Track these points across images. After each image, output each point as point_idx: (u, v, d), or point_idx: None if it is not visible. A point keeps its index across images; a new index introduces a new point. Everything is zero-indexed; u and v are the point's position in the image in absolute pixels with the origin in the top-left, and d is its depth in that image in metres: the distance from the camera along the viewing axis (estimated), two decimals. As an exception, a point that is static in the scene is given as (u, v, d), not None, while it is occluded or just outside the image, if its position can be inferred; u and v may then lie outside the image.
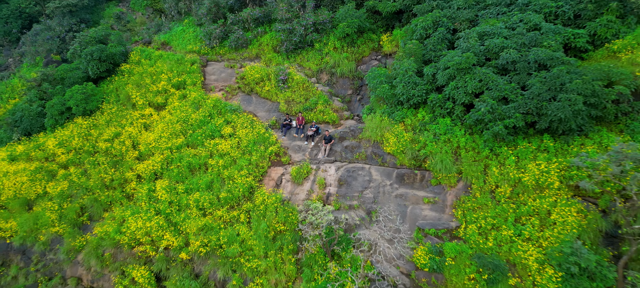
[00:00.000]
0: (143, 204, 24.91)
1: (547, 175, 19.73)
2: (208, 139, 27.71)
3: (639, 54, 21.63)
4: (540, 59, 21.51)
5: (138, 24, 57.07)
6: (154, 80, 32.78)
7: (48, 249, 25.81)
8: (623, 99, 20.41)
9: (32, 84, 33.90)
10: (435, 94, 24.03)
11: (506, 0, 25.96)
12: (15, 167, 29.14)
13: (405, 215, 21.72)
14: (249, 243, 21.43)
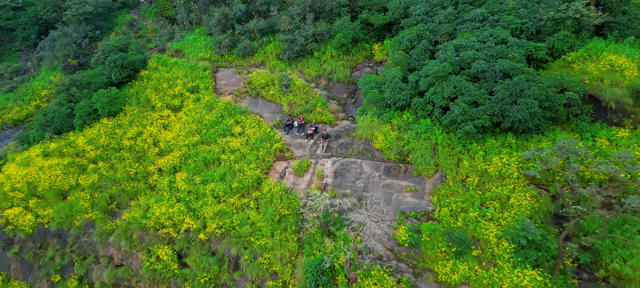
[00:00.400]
0: (165, 193, 28.71)
1: (508, 167, 23.54)
2: (220, 137, 31.52)
3: (589, 64, 25.44)
4: (504, 69, 25.32)
5: (149, 30, 60.89)
6: (171, 85, 36.60)
7: (82, 233, 29.64)
8: (573, 102, 24.20)
9: (61, 88, 37.62)
10: (418, 98, 27.84)
11: (480, 17, 29.75)
12: (50, 162, 32.96)
13: (391, 201, 25.53)
14: (258, 225, 25.21)
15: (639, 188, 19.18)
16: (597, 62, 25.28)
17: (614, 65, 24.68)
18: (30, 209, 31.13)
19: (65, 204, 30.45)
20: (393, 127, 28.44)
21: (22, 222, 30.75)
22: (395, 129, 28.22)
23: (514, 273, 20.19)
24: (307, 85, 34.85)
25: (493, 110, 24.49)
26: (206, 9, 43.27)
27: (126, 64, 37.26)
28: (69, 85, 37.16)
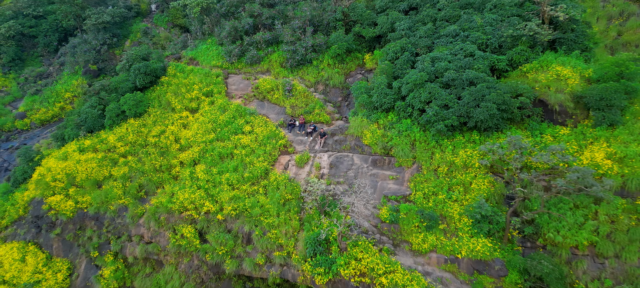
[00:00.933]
0: (187, 182, 33.85)
1: (471, 159, 28.70)
2: (233, 134, 36.69)
3: (540, 74, 30.60)
4: (470, 78, 30.48)
5: (162, 38, 66.07)
6: (188, 90, 41.78)
7: (116, 216, 34.81)
8: (526, 106, 29.38)
9: (92, 92, 42.78)
10: (400, 102, 33.00)
11: (453, 32, 34.88)
12: (85, 157, 38.15)
13: (376, 187, 30.69)
14: (266, 207, 30.33)
15: (567, 173, 24.26)
16: (547, 72, 30.44)
17: (559, 74, 29.83)
18: (70, 196, 36.32)
19: (100, 192, 35.66)
20: (379, 126, 33.62)
21: (63, 207, 35.94)
22: (381, 128, 33.40)
23: (470, 242, 25.36)
24: (307, 90, 40.03)
25: (460, 112, 29.64)
26: (217, 22, 48.43)
27: (149, 71, 42.43)
28: (99, 89, 42.33)
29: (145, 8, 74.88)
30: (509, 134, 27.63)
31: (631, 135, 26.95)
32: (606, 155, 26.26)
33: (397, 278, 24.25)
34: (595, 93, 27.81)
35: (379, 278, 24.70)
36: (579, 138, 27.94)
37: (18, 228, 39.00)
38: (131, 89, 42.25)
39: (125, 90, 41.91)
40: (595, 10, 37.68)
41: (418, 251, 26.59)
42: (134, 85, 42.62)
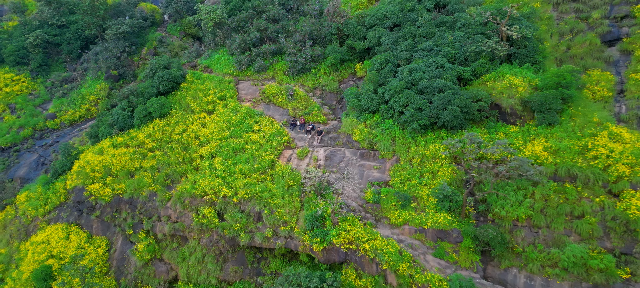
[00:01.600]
0: (206, 172, 40.51)
1: (439, 151, 35.37)
2: (244, 132, 43.35)
3: (497, 82, 37.25)
4: (439, 86, 37.15)
5: (176, 46, 72.78)
6: (205, 94, 48.46)
7: (147, 200, 41.49)
8: (484, 108, 36.06)
9: (122, 97, 49.40)
10: (384, 105, 39.66)
11: (428, 47, 41.54)
12: (119, 151, 44.82)
13: (363, 175, 37.37)
14: (273, 191, 36.96)
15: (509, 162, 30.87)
16: (502, 81, 37.12)
17: (512, 83, 36.50)
18: (107, 184, 43.01)
19: (133, 180, 42.35)
20: (366, 125, 40.30)
21: (101, 193, 42.64)
22: (368, 127, 40.07)
23: (435, 216, 32.05)
24: (306, 95, 46.71)
25: (431, 114, 36.33)
26: (229, 35, 55.07)
27: (170, 78, 49.10)
28: (128, 94, 48.99)
29: (159, 18, 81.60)
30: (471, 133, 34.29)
31: (565, 132, 33.65)
32: (544, 148, 32.96)
33: (377, 244, 30.93)
34: (538, 98, 34.51)
35: (363, 245, 31.38)
36: (524, 135, 34.64)
37: (61, 212, 45.73)
38: (155, 93, 48.92)
39: (150, 95, 48.58)
40: (550, 27, 44.29)
41: (394, 224, 33.30)
42: (158, 90, 49.27)
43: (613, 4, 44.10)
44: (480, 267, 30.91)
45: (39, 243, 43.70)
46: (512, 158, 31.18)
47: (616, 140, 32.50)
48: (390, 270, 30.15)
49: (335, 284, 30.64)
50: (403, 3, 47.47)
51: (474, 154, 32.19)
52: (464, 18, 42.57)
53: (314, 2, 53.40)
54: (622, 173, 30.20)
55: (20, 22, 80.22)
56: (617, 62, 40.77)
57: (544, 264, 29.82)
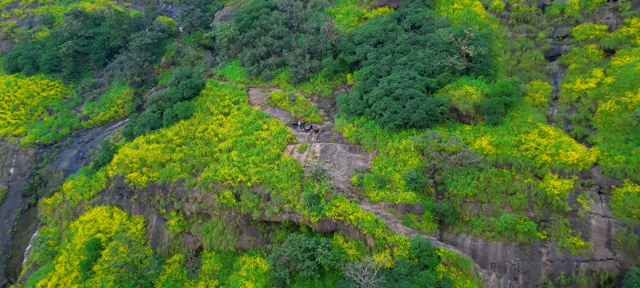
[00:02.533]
0: (225, 163, 49.85)
1: (409, 145, 44.79)
2: (255, 131, 52.74)
3: (456, 91, 46.65)
4: (411, 94, 46.58)
5: (191, 56, 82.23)
6: (221, 99, 57.88)
7: (177, 185, 50.88)
8: (445, 111, 45.52)
9: (152, 101, 58.73)
10: (368, 109, 49.06)
11: (404, 62, 50.98)
12: (152, 146, 54.19)
13: (350, 165, 46.80)
14: (279, 177, 46.27)
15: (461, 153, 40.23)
16: (460, 90, 46.55)
17: (467, 91, 45.94)
18: (143, 173, 52.40)
19: (165, 170, 51.77)
20: (354, 125, 49.73)
21: (139, 180, 52.02)
22: (355, 126, 49.51)
23: (404, 194, 41.47)
24: (305, 100, 56.14)
25: (404, 116, 45.76)
26: (240, 49, 64.49)
27: (192, 86, 58.52)
28: (157, 99, 58.37)
29: (175, 30, 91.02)
30: (432, 131, 43.78)
31: (505, 130, 43.10)
32: (489, 143, 42.40)
33: (359, 216, 40.33)
34: (486, 104, 43.96)
35: (349, 216, 40.78)
36: (475, 132, 44.09)
37: (104, 196, 55.16)
38: (180, 98, 58.32)
39: (176, 100, 57.99)
40: (504, 45, 53.73)
41: (373, 201, 42.74)
42: (182, 96, 58.64)
43: (556, 25, 53.65)
44: (438, 232, 40.41)
45: (88, 222, 53.14)
46: (463, 150, 40.68)
47: (544, 136, 41.99)
48: (369, 235, 39.58)
49: (328, 246, 40.06)
50: (386, 24, 56.96)
51: (435, 147, 41.66)
52: (433, 38, 52.03)
53: (312, 22, 62.84)
54: (545, 161, 39.70)
55: (51, 34, 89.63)
56: (556, 74, 50.32)
57: (484, 229, 39.30)
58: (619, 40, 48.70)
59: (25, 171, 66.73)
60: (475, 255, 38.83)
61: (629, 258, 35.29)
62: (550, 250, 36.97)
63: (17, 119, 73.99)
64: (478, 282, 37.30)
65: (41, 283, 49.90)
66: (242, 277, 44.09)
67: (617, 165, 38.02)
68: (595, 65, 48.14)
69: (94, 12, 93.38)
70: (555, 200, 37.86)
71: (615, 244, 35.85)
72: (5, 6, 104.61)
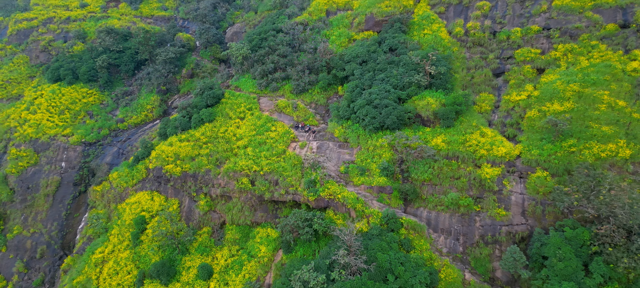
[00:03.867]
0: (242, 156, 63.29)
1: (384, 143, 58.28)
2: (265, 132, 66.20)
3: (420, 101, 60.14)
4: (385, 103, 60.07)
5: (208, 68, 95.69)
6: (237, 106, 71.38)
7: (204, 174, 64.34)
8: (411, 117, 59.04)
9: (181, 108, 72.17)
10: (354, 115, 62.56)
11: (381, 78, 64.42)
12: (183, 144, 67.66)
13: (339, 158, 60.32)
14: (285, 167, 59.69)
15: (421, 148, 53.60)
16: (423, 100, 60.01)
17: (429, 102, 59.39)
18: (177, 165, 65.83)
19: (194, 162, 65.22)
20: (343, 127, 63.21)
21: (174, 170, 65.46)
22: (344, 128, 62.98)
23: (378, 179, 54.96)
24: (305, 107, 69.61)
25: (380, 120, 59.23)
26: (252, 65, 77.97)
27: (214, 96, 71.96)
28: (186, 106, 71.81)
29: (193, 45, 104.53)
30: (401, 132, 57.30)
31: (455, 131, 56.55)
32: (442, 141, 55.84)
33: (345, 195, 53.76)
34: (442, 111, 57.43)
35: (338, 196, 54.22)
36: (433, 133, 57.54)
37: (145, 184, 68.60)
38: (204, 106, 71.75)
39: (201, 107, 71.44)
40: (462, 64, 67.15)
41: (356, 184, 56.19)
42: (206, 103, 72.06)
43: (503, 48, 67.17)
44: (402, 206, 53.90)
45: (133, 203, 66.63)
46: (422, 146, 54.22)
47: (483, 136, 55.49)
48: (352, 208, 53.04)
49: (321, 217, 53.49)
50: (369, 46, 70.50)
51: (402, 144, 55.19)
52: (405, 59, 65.53)
53: (310, 42, 76.34)
54: (482, 154, 53.16)
55: (87, 48, 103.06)
56: (500, 87, 63.83)
57: (436, 204, 52.76)
58: (548, 62, 62.24)
59: (74, 164, 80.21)
60: (430, 223, 52.35)
61: (536, 223, 48.81)
62: (482, 219, 50.47)
63: (63, 122, 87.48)
64: (430, 242, 50.84)
65: (99, 250, 63.41)
66: (257, 242, 57.59)
67: (533, 157, 51.50)
68: (529, 81, 61.68)
69: (122, 29, 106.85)
70: (487, 182, 51.31)
71: (527, 213, 49.36)
72: (41, 22, 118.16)
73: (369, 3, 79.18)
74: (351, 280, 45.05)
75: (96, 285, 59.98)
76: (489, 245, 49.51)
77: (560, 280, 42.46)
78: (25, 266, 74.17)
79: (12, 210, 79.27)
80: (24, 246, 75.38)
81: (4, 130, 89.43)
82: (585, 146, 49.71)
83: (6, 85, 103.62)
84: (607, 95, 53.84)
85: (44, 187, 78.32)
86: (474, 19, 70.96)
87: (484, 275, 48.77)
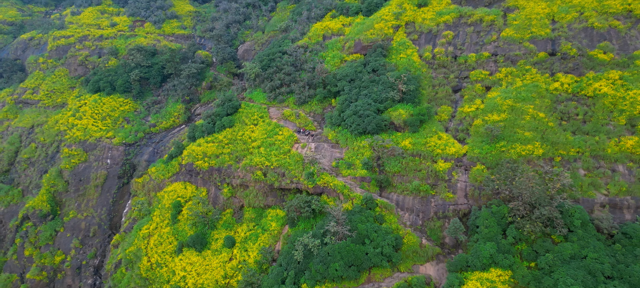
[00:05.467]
0: (256, 154, 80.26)
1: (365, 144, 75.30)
2: (274, 135, 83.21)
3: (394, 112, 77.16)
4: (367, 113, 77.08)
5: (225, 82, 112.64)
6: (252, 114, 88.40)
7: (227, 168, 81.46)
8: (387, 124, 76.12)
9: (207, 116, 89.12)
10: (343, 122, 79.64)
11: (365, 94, 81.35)
12: (209, 145, 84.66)
13: (332, 156, 77.35)
14: (290, 162, 76.60)
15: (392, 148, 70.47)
16: (396, 111, 77.00)
17: (400, 112, 76.38)
18: (205, 161, 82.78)
19: (218, 159, 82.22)
20: (335, 132, 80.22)
21: (202, 165, 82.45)
22: (335, 132, 80.00)
23: (361, 171, 71.95)
24: (306, 116, 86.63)
25: (363, 127, 76.26)
26: (262, 81, 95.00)
27: (233, 106, 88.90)
28: (211, 114, 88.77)
29: (210, 60, 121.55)
30: (378, 136, 74.33)
31: (419, 135, 73.55)
32: (409, 142, 72.84)
33: (336, 183, 70.78)
34: (410, 120, 74.49)
35: (330, 184, 71.23)
36: (403, 137, 74.60)
37: (178, 176, 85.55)
38: (225, 114, 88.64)
39: (222, 115, 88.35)
40: (429, 82, 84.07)
41: (344, 175, 73.21)
42: (226, 112, 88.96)
43: (461, 70, 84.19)
44: (378, 192, 70.91)
45: (170, 191, 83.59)
46: (394, 147, 71.31)
47: (440, 139, 72.51)
48: (340, 193, 70.05)
49: (318, 200, 70.44)
50: (356, 67, 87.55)
51: (379, 145, 72.29)
52: (384, 79, 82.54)
53: (310, 63, 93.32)
54: (438, 153, 70.18)
55: (120, 63, 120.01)
56: (457, 101, 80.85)
57: (403, 190, 69.70)
58: (494, 81, 79.27)
59: (118, 161, 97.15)
60: (398, 204, 69.33)
61: (474, 203, 65.75)
62: (436, 200, 67.43)
63: (106, 126, 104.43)
64: (398, 217, 67.81)
65: (145, 227, 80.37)
66: (268, 220, 74.58)
67: (475, 155, 68.43)
68: (479, 96, 78.69)
69: (149, 46, 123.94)
70: (441, 174, 68.25)
71: (468, 196, 66.34)
72: (77, 39, 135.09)
73: (357, 30, 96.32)
74: (339, 243, 62.06)
75: (145, 252, 76.99)
76: (440, 219, 66.53)
77: (486, 241, 59.48)
78: (81, 243, 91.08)
79: (67, 198, 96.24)
80: (79, 227, 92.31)
81: (54, 132, 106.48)
82: (511, 147, 66.73)
83: (51, 94, 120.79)
84: (532, 109, 70.88)
85: (93, 179, 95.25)
86: (440, 46, 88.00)
87: (436, 240, 65.78)
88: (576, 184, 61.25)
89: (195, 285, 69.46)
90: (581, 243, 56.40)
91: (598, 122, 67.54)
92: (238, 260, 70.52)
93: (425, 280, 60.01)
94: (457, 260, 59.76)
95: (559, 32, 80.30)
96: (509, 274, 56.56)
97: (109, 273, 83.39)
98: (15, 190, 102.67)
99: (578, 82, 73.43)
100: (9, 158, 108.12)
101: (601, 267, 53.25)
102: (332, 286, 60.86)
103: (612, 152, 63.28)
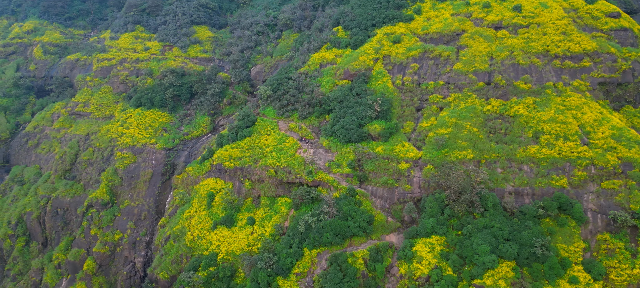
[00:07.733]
0: (270, 157, 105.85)
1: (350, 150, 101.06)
2: (283, 143, 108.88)
3: (371, 126, 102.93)
4: (352, 127, 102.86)
5: (241, 99, 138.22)
6: (265, 127, 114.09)
7: (247, 167, 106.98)
8: (366, 135, 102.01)
9: (231, 127, 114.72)
10: (334, 133, 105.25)
11: (351, 112, 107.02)
12: (234, 150, 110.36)
13: (326, 159, 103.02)
14: (294, 163, 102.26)
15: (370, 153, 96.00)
16: (373, 126, 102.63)
17: (376, 127, 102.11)
18: (231, 162, 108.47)
19: (241, 160, 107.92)
20: (328, 141, 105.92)
21: (229, 165, 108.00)
22: (328, 141, 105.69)
23: (346, 169, 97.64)
24: (306, 128, 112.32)
25: (348, 137, 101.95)
26: (273, 101, 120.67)
27: (251, 120, 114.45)
28: (235, 126, 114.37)
29: (229, 80, 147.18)
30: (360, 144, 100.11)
31: (389, 144, 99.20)
32: (381, 149, 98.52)
33: (328, 178, 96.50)
34: (382, 132, 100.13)
35: (324, 179, 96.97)
36: (377, 144, 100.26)
37: (211, 173, 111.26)
38: (245, 126, 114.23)
39: (242, 127, 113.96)
40: (398, 103, 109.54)
41: (334, 173, 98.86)
42: (246, 125, 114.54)
43: (423, 93, 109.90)
44: (358, 184, 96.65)
45: (204, 185, 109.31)
46: (370, 152, 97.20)
47: (403, 146, 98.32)
48: (331, 185, 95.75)
49: (316, 190, 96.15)
50: (344, 91, 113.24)
51: (360, 151, 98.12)
52: (364, 101, 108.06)
53: (309, 87, 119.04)
54: (401, 156, 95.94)
55: (156, 83, 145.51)
56: (418, 118, 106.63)
57: (376, 184, 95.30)
58: (445, 103, 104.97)
59: (161, 162, 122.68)
60: (372, 193, 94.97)
61: (425, 192, 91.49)
62: (398, 190, 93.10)
63: (149, 135, 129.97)
64: (372, 202, 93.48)
65: (187, 211, 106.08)
66: (279, 205, 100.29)
67: (427, 158, 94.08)
68: (434, 115, 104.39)
69: (178, 68, 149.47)
70: (403, 171, 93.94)
71: (421, 187, 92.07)
72: (118, 61, 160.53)
73: (346, 61, 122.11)
74: (329, 220, 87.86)
75: (188, 229, 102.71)
76: (401, 204, 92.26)
77: (429, 217, 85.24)
78: (134, 224, 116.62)
79: (122, 190, 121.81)
80: (132, 212, 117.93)
81: (108, 139, 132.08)
82: (452, 152, 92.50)
83: (100, 107, 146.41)
84: (469, 125, 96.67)
85: (142, 176, 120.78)
86: (408, 75, 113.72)
87: (398, 218, 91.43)
88: (493, 179, 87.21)
89: (227, 251, 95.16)
90: (491, 218, 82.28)
91: (514, 135, 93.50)
92: (258, 234, 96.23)
93: (389, 244, 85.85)
94: (410, 230, 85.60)
95: (494, 67, 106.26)
96: (443, 239, 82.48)
97: (158, 246, 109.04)
98: (78, 184, 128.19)
99: (504, 105, 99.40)
100: (70, 160, 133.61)
101: (502, 233, 79.13)
102: (324, 249, 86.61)
103: (520, 156, 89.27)
